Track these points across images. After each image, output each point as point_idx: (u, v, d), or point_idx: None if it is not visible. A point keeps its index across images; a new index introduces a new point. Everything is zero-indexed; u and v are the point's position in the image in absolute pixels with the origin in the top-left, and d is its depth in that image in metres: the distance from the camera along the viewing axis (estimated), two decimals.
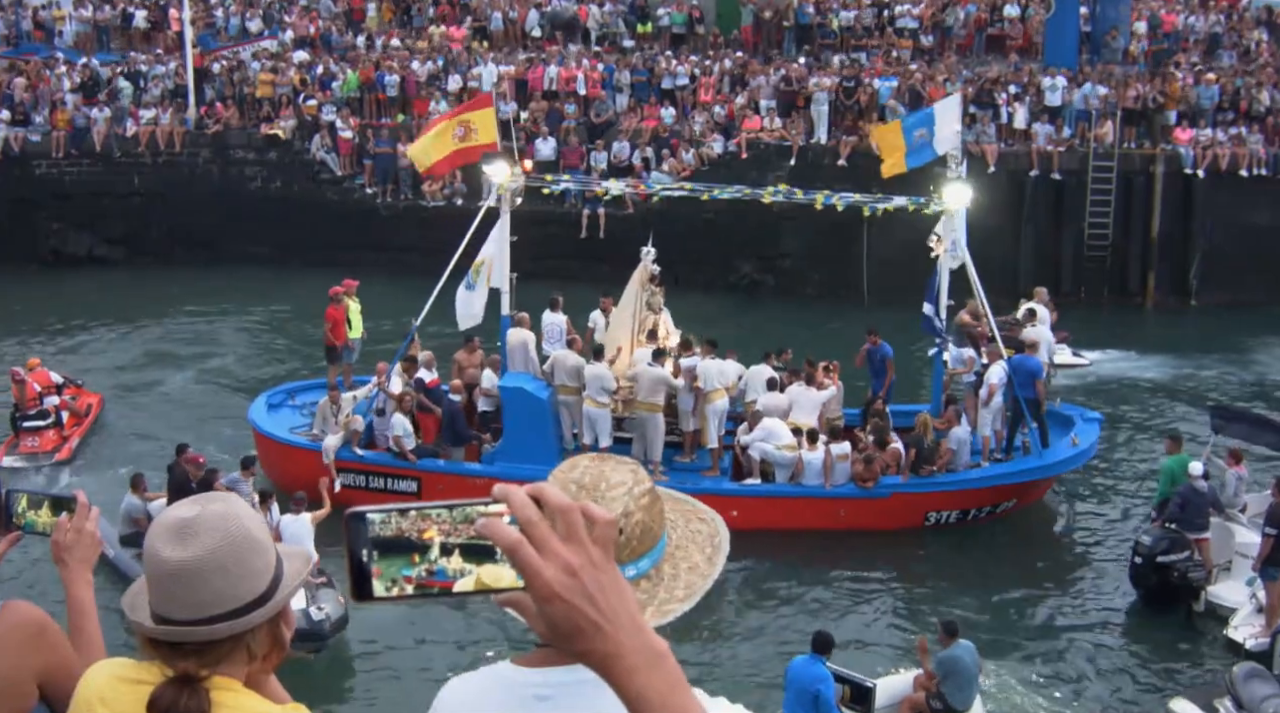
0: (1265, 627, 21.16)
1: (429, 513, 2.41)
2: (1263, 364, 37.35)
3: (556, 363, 26.30)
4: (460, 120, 27.52)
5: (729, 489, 25.32)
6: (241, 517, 3.38)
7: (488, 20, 50.99)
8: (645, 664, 2.40)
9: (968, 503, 26.16)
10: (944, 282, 26.73)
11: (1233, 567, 23.48)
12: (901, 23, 50.34)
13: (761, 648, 21.58)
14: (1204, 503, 23.15)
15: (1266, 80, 45.43)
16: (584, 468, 3.18)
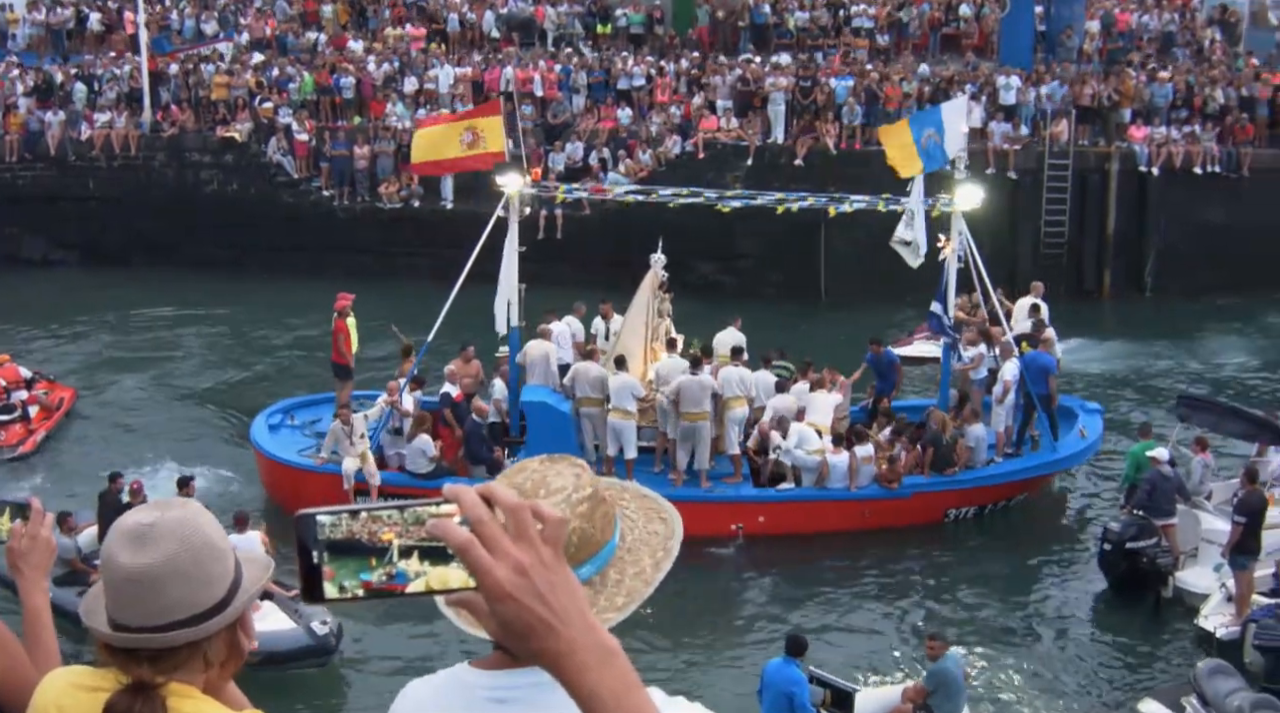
0: (1235, 616, 21.27)
1: (380, 515, 2.41)
2: (1219, 357, 37.63)
3: (578, 375, 25.64)
4: (468, 125, 26.82)
5: (758, 495, 25.62)
6: (201, 523, 3.38)
7: (444, 22, 50.88)
8: (597, 663, 2.41)
9: (985, 499, 26.65)
10: (952, 280, 27.02)
11: (1199, 553, 23.66)
12: (857, 22, 50.46)
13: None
14: (1170, 489, 23.39)
15: (1219, 79, 45.69)
16: (529, 472, 3.17)
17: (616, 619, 3.12)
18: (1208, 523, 23.69)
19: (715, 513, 25.13)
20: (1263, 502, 22.03)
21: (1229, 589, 21.84)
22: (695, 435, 25.26)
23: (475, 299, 26.59)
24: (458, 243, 41.25)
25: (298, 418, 28.20)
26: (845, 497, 25.41)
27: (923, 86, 44.06)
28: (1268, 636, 19.81)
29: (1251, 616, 20.63)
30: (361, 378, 29.71)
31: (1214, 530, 23.35)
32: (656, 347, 26.93)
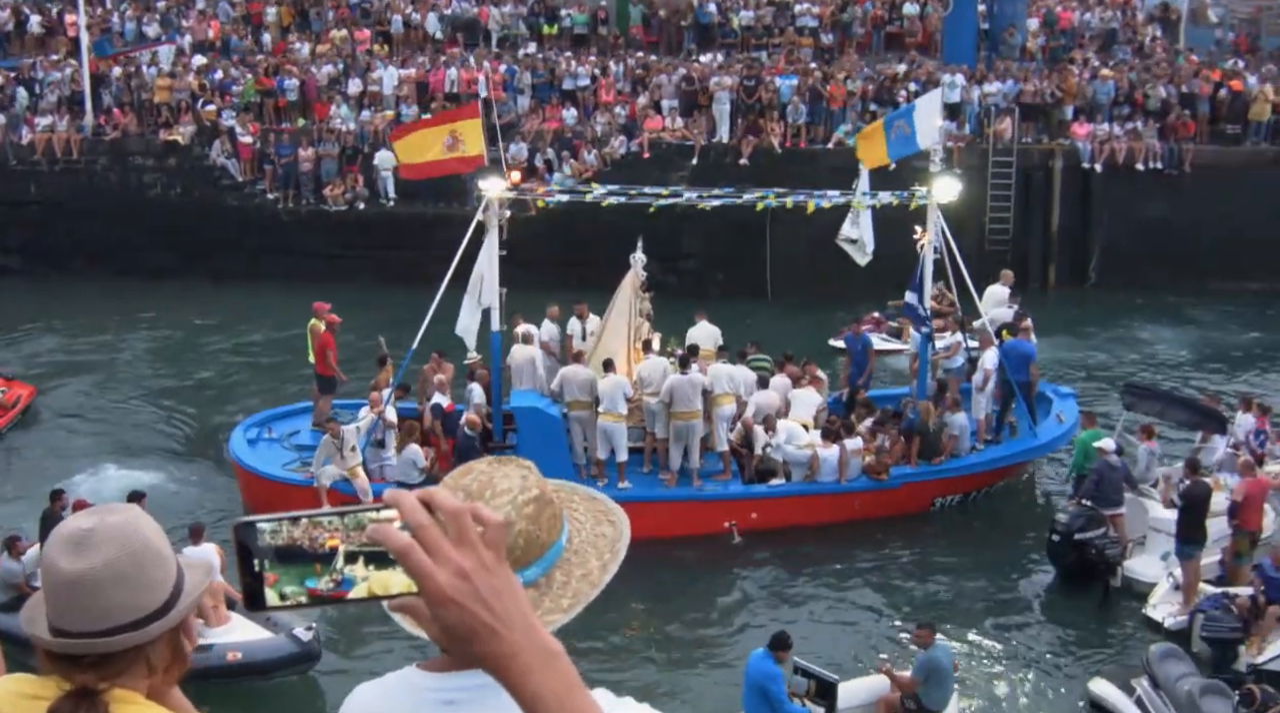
0: (1183, 605, 21.45)
1: (320, 521, 2.40)
2: (1161, 349, 37.99)
3: (567, 378, 25.58)
4: (450, 129, 26.68)
5: (751, 492, 25.80)
6: (141, 528, 3.35)
7: (388, 24, 50.76)
8: (540, 665, 2.40)
9: (970, 486, 27.07)
10: (928, 271, 27.39)
11: (1147, 542, 23.91)
12: (802, 21, 50.64)
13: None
14: (1118, 479, 23.62)
15: (1161, 75, 46.05)
16: (475, 474, 3.16)
17: (562, 621, 3.12)
18: (1155, 511, 23.94)
19: (709, 511, 25.48)
20: (1206, 492, 22.22)
21: (1176, 578, 22.03)
22: (688, 434, 25.37)
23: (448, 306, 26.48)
24: (403, 245, 41.52)
25: (275, 431, 27.81)
26: (836, 490, 25.71)
27: (867, 85, 44.22)
28: (1215, 627, 19.99)
29: (1199, 606, 20.79)
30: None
31: (1161, 519, 23.60)
32: (639, 347, 26.90)
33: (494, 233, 25.95)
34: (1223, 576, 22.28)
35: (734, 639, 22.03)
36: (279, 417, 28.54)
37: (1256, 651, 19.99)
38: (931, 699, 18.23)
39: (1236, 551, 22.26)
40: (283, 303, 39.14)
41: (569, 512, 3.31)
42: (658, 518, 24.57)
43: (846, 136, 42.27)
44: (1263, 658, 19.90)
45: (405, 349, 27.09)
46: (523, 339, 27.29)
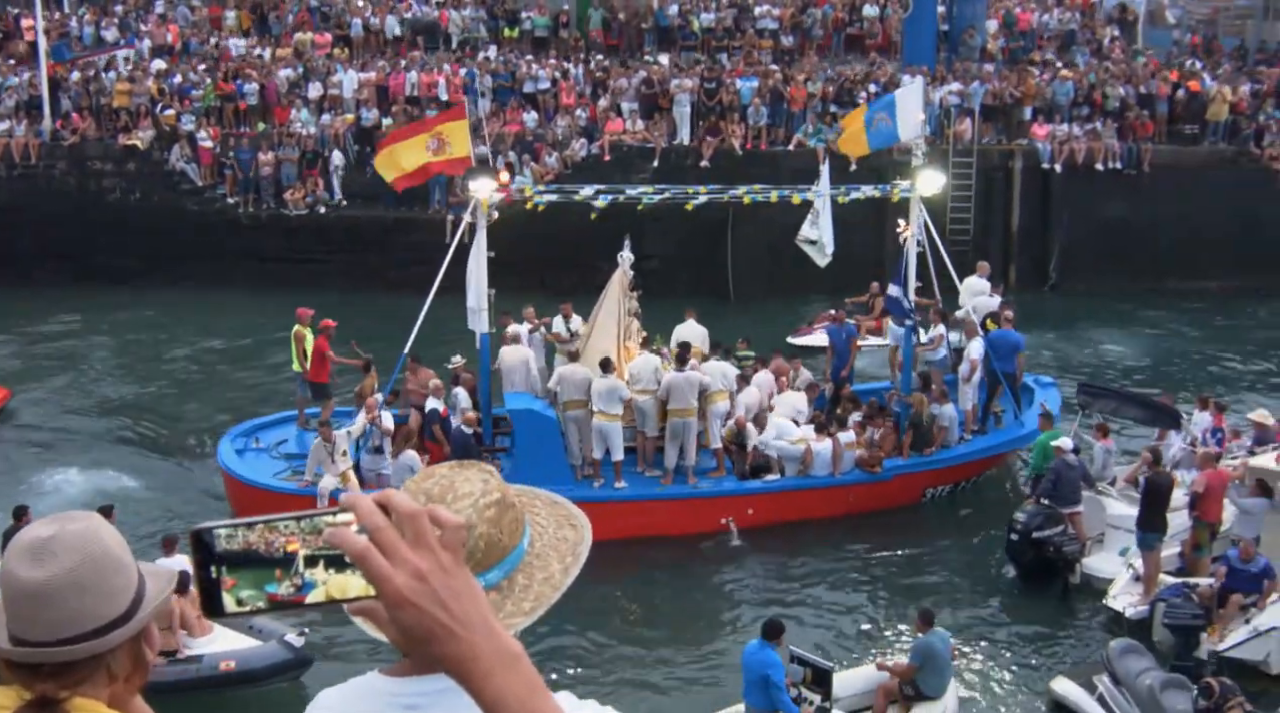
0: (1144, 595, 21.51)
1: (276, 525, 2.38)
2: (1120, 347, 38.20)
3: (564, 377, 25.58)
4: (435, 132, 26.38)
5: (747, 488, 25.93)
6: (102, 535, 3.33)
7: (348, 27, 50.64)
8: (501, 667, 2.39)
9: (960, 476, 27.39)
10: (911, 265, 27.57)
11: (1105, 539, 24.03)
12: (762, 24, 50.69)
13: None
14: (1075, 477, 23.73)
15: (1119, 76, 46.29)
16: (437, 477, 3.16)
17: (524, 623, 3.11)
18: (1112, 508, 24.07)
19: (706, 508, 25.58)
20: (1169, 481, 22.37)
21: (1136, 570, 22.11)
22: (684, 431, 25.43)
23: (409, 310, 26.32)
24: (364, 249, 41.45)
25: (262, 440, 27.54)
26: (830, 483, 25.91)
27: (827, 87, 44.32)
28: (1176, 614, 20.07)
29: (1159, 594, 20.89)
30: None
31: (1119, 516, 23.76)
32: (630, 346, 26.90)
33: (482, 234, 25.78)
34: (1182, 567, 22.39)
35: (731, 632, 22.13)
36: (264, 426, 28.28)
37: (1219, 638, 20.08)
38: (929, 686, 18.43)
39: (1196, 542, 22.40)
40: (244, 308, 39.08)
41: (531, 515, 3.31)
42: (655, 517, 25.01)
43: (807, 138, 42.40)
44: (1225, 645, 19.99)
45: (373, 353, 27.09)
46: (512, 340, 27.17)
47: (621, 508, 24.80)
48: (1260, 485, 21.84)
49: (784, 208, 28.59)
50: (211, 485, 27.42)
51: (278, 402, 32.09)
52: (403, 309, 27.47)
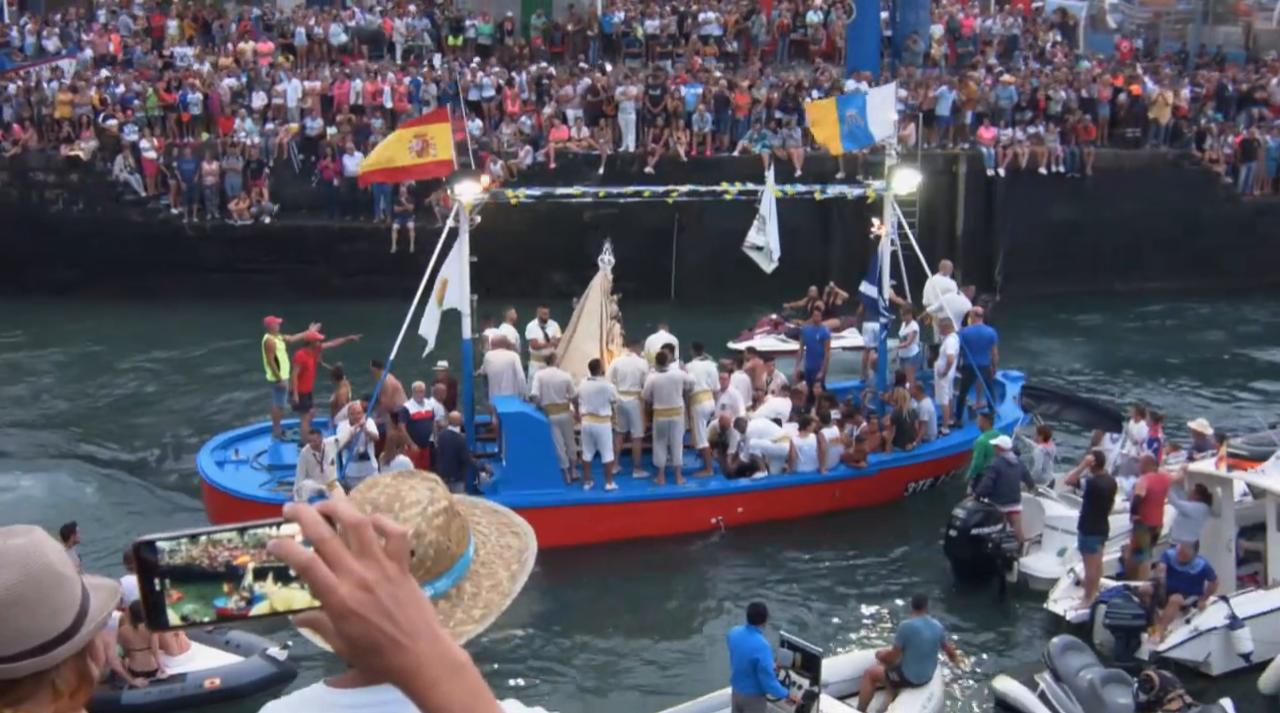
0: (1085, 598, 21.64)
1: (219, 539, 2.37)
2: (1065, 350, 38.43)
3: (544, 381, 25.46)
4: (417, 133, 25.99)
5: (736, 487, 26.09)
6: (44, 550, 3.30)
7: (291, 36, 50.46)
8: (447, 676, 2.38)
9: (940, 470, 27.77)
10: (885, 264, 28.05)
11: (1044, 540, 24.16)
12: (706, 30, 50.74)
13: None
14: (1015, 476, 23.88)
15: (1061, 80, 46.61)
16: (382, 487, 3.15)
17: (475, 631, 3.11)
18: (1051, 510, 24.21)
19: (696, 508, 25.80)
20: (1112, 484, 22.51)
21: (1077, 573, 22.25)
22: (669, 431, 25.54)
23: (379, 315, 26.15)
24: (310, 259, 41.32)
25: (241, 452, 27.15)
26: (816, 480, 26.20)
27: (772, 93, 44.43)
28: (1117, 615, 20.20)
29: (1101, 596, 21.01)
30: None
31: (1057, 517, 23.93)
32: (613, 349, 26.91)
33: (464, 238, 25.46)
34: (1123, 572, 22.51)
35: (719, 622, 22.20)
36: (241, 439, 27.91)
37: (1159, 638, 20.22)
38: (912, 672, 18.64)
39: (1137, 546, 22.49)
40: (189, 318, 38.90)
41: (473, 525, 3.31)
42: (646, 518, 25.22)
43: (752, 143, 42.48)
44: (1165, 645, 20.13)
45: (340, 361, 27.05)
46: (494, 344, 27.08)
47: (612, 510, 25.19)
48: (1200, 491, 21.99)
49: (729, 214, 28.67)
50: (172, 498, 27.39)
51: (231, 412, 32.13)
52: (349, 318, 27.44)
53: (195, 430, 30.83)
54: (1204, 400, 34.32)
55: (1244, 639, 20.18)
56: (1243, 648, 20.21)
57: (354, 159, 42.15)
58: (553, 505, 24.47)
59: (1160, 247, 43.46)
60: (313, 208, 42.52)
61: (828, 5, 51.89)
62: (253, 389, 32.88)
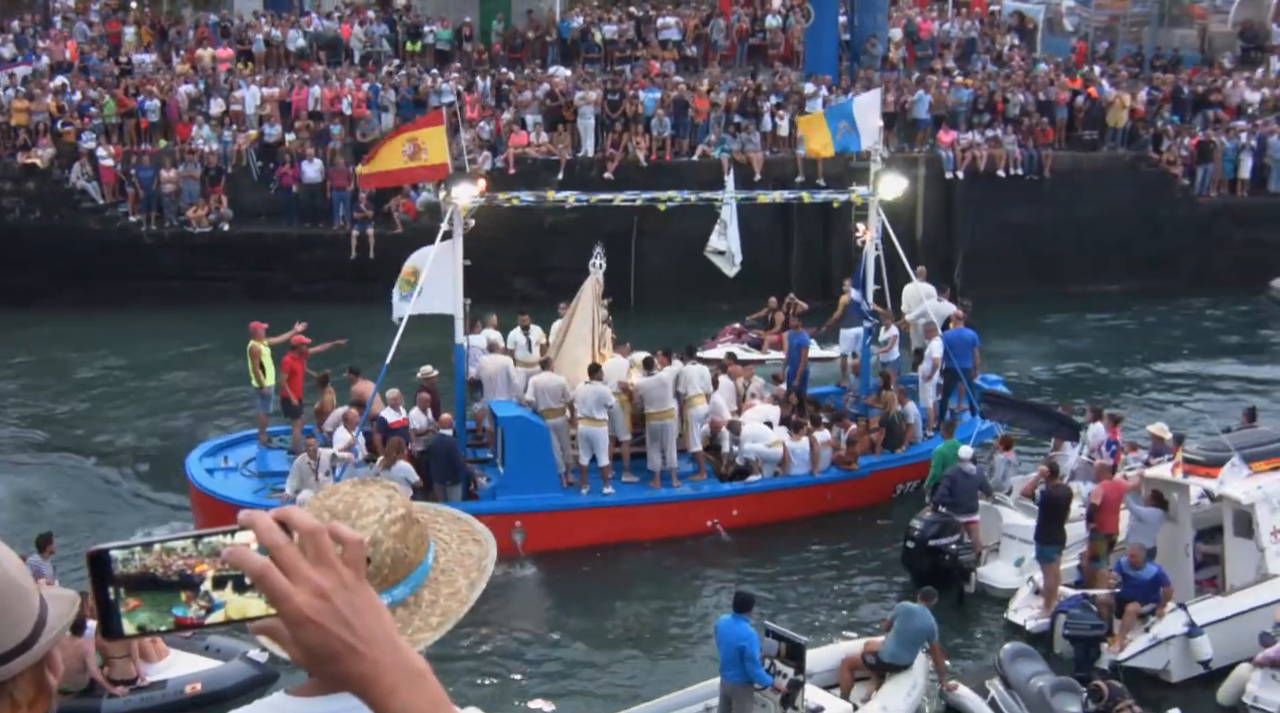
0: (1044, 608, 21.71)
1: (173, 546, 2.34)
2: (1025, 353, 38.51)
3: (540, 386, 25.48)
4: (410, 137, 25.98)
5: (731, 490, 26.39)
6: (2, 562, 3.29)
7: (249, 42, 50.30)
8: (405, 684, 2.37)
9: (927, 471, 27.48)
10: (869, 269, 28.43)
11: (1001, 549, 24.22)
12: (665, 35, 50.80)
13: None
14: (972, 486, 23.93)
15: (1019, 83, 46.81)
16: (340, 495, 3.14)
17: (432, 639, 3.10)
18: (1009, 518, 24.27)
19: (692, 511, 25.98)
20: (1067, 494, 22.57)
21: (1036, 582, 22.31)
22: (662, 434, 25.69)
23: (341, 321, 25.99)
24: (270, 266, 41.19)
25: (231, 459, 26.86)
26: (809, 482, 26.44)
27: (730, 97, 44.48)
28: (1077, 625, 20.26)
29: (1060, 606, 21.07)
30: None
31: (1015, 526, 23.98)
32: (604, 353, 26.90)
33: (458, 242, 25.43)
34: (1080, 580, 22.58)
35: (709, 615, 22.29)
36: (227, 446, 27.62)
37: (1119, 647, 20.30)
38: (889, 651, 19.03)
39: (1094, 553, 22.54)
40: (149, 326, 38.72)
41: (434, 532, 3.30)
42: (643, 521, 25.46)
43: (711, 148, 42.53)
44: (1125, 654, 20.22)
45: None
46: (492, 348, 27.13)
47: (609, 513, 25.37)
48: (1155, 497, 22.09)
49: (690, 217, 28.70)
50: (141, 505, 27.31)
51: (194, 418, 31.98)
52: (314, 326, 27.35)
53: (160, 437, 30.80)
54: (1160, 401, 34.53)
55: (1203, 646, 20.30)
56: (1202, 655, 20.34)
57: (313, 166, 42.13)
58: (552, 510, 24.79)
59: (1118, 248, 43.71)
60: (271, 215, 42.44)
61: (786, 9, 52.05)
62: (214, 394, 32.87)
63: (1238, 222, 45.63)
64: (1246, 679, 19.37)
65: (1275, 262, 43.81)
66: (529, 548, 23.94)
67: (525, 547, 23.86)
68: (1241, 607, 20.99)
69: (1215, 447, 22.54)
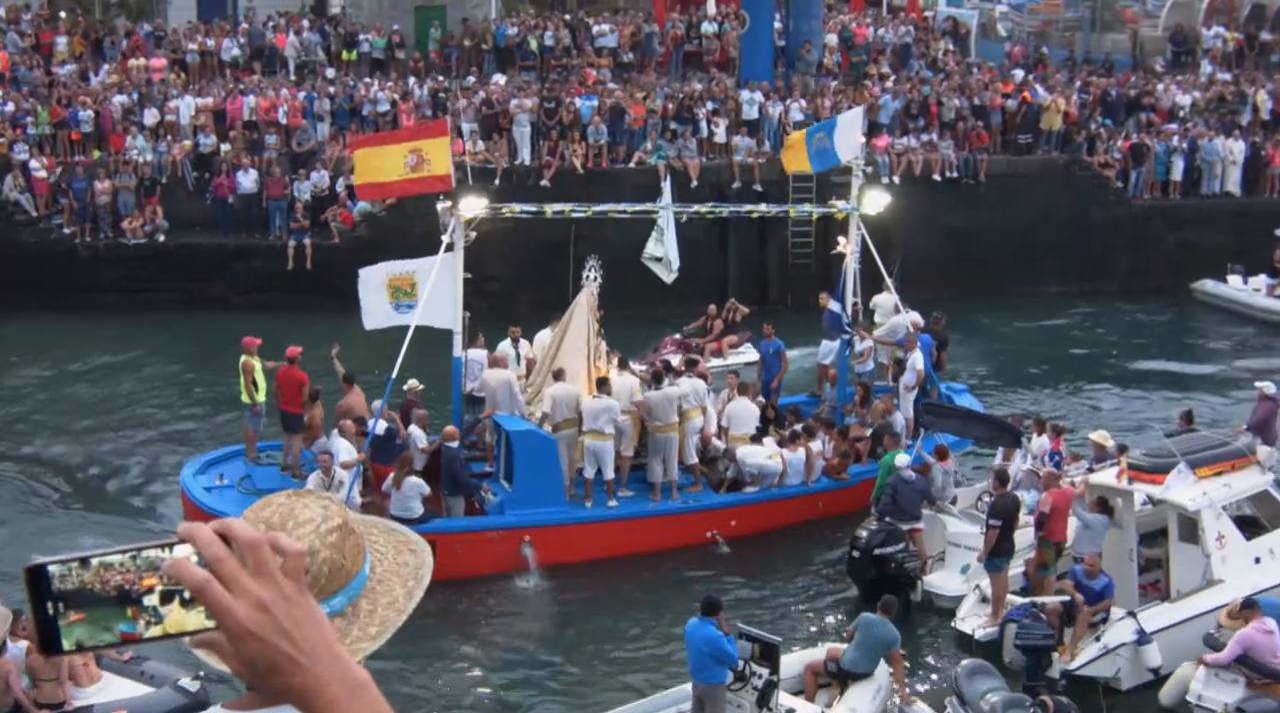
0: (992, 617, 21.80)
1: (110, 561, 2.33)
2: (964, 359, 38.52)
3: (557, 398, 25.53)
4: (413, 147, 25.61)
5: (729, 500, 26.72)
6: None
7: (183, 52, 50.00)
8: (347, 695, 2.37)
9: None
10: (849, 280, 29.08)
11: (946, 557, 24.29)
12: (601, 42, 50.83)
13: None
14: (915, 494, 23.97)
15: (953, 88, 47.06)
16: (275, 506, 3.13)
17: (370, 648, 3.09)
18: (953, 527, 24.36)
19: (693, 522, 26.25)
20: (1015, 504, 22.64)
21: (983, 591, 22.38)
22: (666, 447, 25.90)
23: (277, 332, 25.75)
24: (206, 277, 40.97)
25: (226, 476, 26.42)
26: (803, 492, 26.84)
27: (667, 104, 44.53)
28: (1027, 635, 20.29)
29: (1009, 615, 21.10)
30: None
31: (959, 534, 24.08)
32: (600, 365, 26.92)
33: (459, 254, 25.34)
34: (1027, 587, 22.68)
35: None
36: (221, 460, 27.20)
37: (1070, 657, 20.40)
38: (849, 659, 19.30)
39: (1042, 562, 22.57)
40: (84, 339, 38.41)
41: (369, 543, 3.29)
42: (646, 533, 25.75)
43: (648, 155, 42.55)
44: (1076, 663, 20.33)
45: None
46: (495, 362, 27.01)
47: (614, 527, 25.61)
48: (1101, 503, 22.21)
49: (627, 225, 28.68)
50: (74, 518, 27.17)
51: (133, 431, 31.72)
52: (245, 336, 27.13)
53: (96, 449, 30.58)
54: (1095, 404, 34.85)
55: (1153, 654, 20.49)
56: (1151, 663, 20.52)
57: (248, 176, 41.88)
58: (560, 524, 25.01)
59: (1054, 251, 44.09)
60: (207, 225, 42.18)
61: (721, 16, 52.17)
62: (151, 406, 32.61)
63: (1170, 224, 46.04)
64: (1190, 678, 19.54)
65: (1207, 263, 44.20)
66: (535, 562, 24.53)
67: (534, 561, 24.47)
68: (1189, 613, 21.20)
69: (1160, 453, 22.68)
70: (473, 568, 23.72)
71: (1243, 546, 22.15)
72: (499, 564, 24.34)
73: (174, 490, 27.31)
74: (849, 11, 57.93)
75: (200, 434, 31.37)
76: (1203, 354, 40.97)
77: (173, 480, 27.84)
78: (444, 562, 20.37)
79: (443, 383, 27.30)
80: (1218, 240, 45.24)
